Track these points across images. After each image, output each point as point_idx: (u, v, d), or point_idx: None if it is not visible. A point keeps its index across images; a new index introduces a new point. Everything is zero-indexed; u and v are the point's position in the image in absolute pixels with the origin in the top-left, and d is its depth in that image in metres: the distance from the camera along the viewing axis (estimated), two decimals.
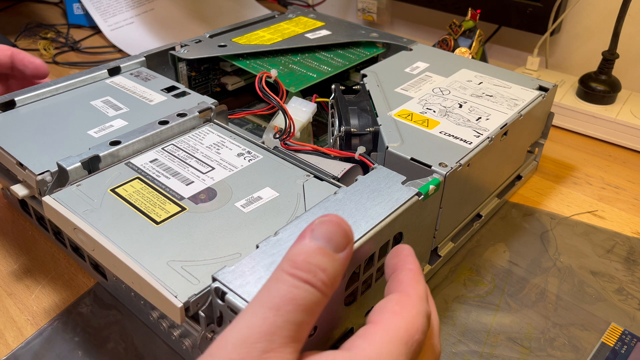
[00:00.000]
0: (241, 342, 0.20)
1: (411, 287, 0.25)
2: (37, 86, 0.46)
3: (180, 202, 0.34)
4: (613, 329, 0.37)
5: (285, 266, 0.22)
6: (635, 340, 0.36)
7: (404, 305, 0.24)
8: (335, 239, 0.23)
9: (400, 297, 0.24)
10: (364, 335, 0.23)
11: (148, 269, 0.28)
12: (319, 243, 0.22)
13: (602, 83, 0.59)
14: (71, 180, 0.36)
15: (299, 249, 0.22)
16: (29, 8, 0.98)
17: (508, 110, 0.44)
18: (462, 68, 0.52)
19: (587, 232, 0.46)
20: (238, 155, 0.39)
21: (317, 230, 0.23)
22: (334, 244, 0.22)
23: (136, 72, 0.50)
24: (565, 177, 0.54)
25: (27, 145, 0.39)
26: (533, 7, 0.66)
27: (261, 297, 0.21)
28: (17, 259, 0.43)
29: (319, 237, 0.22)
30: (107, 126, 0.41)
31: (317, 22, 0.62)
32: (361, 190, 0.33)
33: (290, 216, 0.33)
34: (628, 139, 0.58)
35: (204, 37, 0.56)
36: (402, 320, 0.23)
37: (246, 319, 0.21)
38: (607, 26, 0.66)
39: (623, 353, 0.35)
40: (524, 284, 0.41)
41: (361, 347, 0.22)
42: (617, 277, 0.42)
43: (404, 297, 0.24)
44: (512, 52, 0.78)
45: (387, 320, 0.23)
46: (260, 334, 0.20)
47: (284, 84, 0.46)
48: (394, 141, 0.40)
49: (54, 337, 0.37)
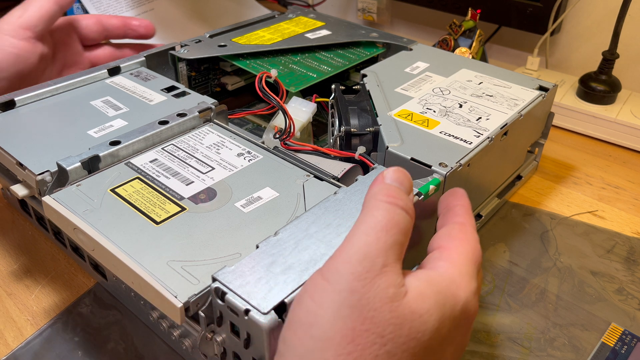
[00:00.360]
0: (364, 257, 0.23)
1: (467, 219, 0.30)
2: (37, 86, 0.46)
3: (180, 202, 0.34)
4: (613, 329, 0.37)
5: (380, 197, 0.26)
6: (636, 340, 0.36)
7: (466, 233, 0.29)
8: (405, 182, 0.27)
9: (461, 226, 0.29)
10: (442, 258, 0.27)
11: (148, 269, 0.28)
12: (395, 184, 0.27)
13: (602, 83, 0.59)
14: (71, 180, 0.36)
15: (384, 186, 0.26)
16: None
17: (508, 110, 0.44)
18: (462, 68, 0.52)
19: (587, 232, 0.46)
20: (238, 155, 0.39)
21: (390, 175, 0.27)
22: (405, 187, 0.27)
23: (136, 72, 0.50)
24: (565, 177, 0.54)
25: (27, 145, 0.39)
26: (533, 7, 0.66)
27: (367, 221, 0.25)
28: (17, 259, 0.43)
29: (394, 179, 0.27)
30: (107, 126, 0.41)
31: (317, 22, 0.62)
32: (361, 190, 0.33)
33: (290, 216, 0.33)
34: (628, 139, 0.58)
35: (204, 37, 0.56)
36: (469, 245, 0.28)
37: (361, 239, 0.24)
38: (607, 26, 0.66)
39: (623, 353, 0.35)
40: (524, 284, 0.41)
41: (444, 267, 0.26)
42: (617, 277, 0.42)
43: (464, 227, 0.29)
44: (512, 52, 0.78)
45: (458, 245, 0.28)
46: (379, 251, 0.24)
47: (284, 84, 0.46)
48: (394, 141, 0.40)
49: (54, 337, 0.37)
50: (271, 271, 0.27)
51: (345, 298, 0.23)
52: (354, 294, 0.23)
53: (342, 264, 0.23)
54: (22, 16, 0.48)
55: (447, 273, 0.26)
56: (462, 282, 0.26)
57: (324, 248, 0.29)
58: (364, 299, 0.23)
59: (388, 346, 0.22)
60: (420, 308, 0.24)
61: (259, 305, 0.26)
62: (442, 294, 0.25)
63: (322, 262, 0.28)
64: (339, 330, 0.22)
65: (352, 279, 0.23)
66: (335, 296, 0.23)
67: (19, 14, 0.48)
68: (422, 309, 0.24)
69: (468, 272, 0.26)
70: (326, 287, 0.23)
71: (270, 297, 0.26)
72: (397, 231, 0.25)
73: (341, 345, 0.22)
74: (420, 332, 0.23)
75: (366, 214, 0.25)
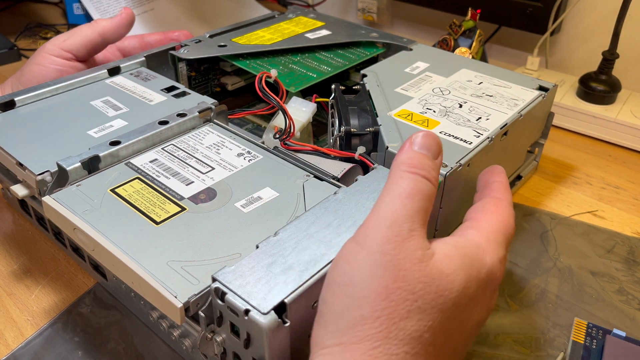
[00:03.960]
0: (392, 222, 0.25)
1: (503, 194, 0.31)
2: (37, 86, 0.46)
3: (180, 202, 0.34)
4: (578, 324, 0.36)
5: (403, 167, 0.27)
6: (602, 332, 0.35)
7: (500, 206, 0.30)
8: (432, 147, 0.28)
9: (495, 201, 0.31)
10: (472, 227, 0.29)
11: (148, 269, 0.28)
12: (422, 151, 0.28)
13: (602, 83, 0.59)
14: (71, 180, 0.36)
15: (408, 155, 0.28)
16: (29, 8, 0.98)
17: (508, 110, 0.44)
18: (462, 68, 0.52)
19: (587, 232, 0.46)
20: (238, 156, 0.39)
21: (417, 141, 0.28)
22: (432, 152, 0.28)
23: (136, 72, 0.50)
24: (565, 177, 0.54)
25: (27, 145, 0.39)
26: (533, 7, 0.66)
27: (392, 190, 0.26)
28: (17, 259, 0.43)
29: (421, 146, 0.28)
30: (107, 126, 0.41)
31: (317, 22, 0.62)
32: (361, 190, 0.33)
33: (290, 216, 0.33)
34: (628, 139, 0.58)
35: (204, 37, 0.56)
36: (501, 217, 0.30)
37: (388, 207, 0.26)
38: (607, 26, 0.66)
39: (595, 348, 0.34)
40: (524, 284, 0.41)
41: (472, 235, 0.28)
42: (617, 277, 0.42)
43: (498, 201, 0.31)
44: (512, 52, 0.78)
45: (490, 217, 0.29)
46: (405, 217, 0.25)
47: (284, 84, 0.46)
48: (394, 141, 0.40)
49: (54, 337, 0.37)
50: (271, 271, 0.27)
51: (378, 260, 0.25)
52: (385, 255, 0.25)
53: (373, 230, 0.25)
54: (66, 40, 0.51)
55: (474, 239, 0.28)
56: (489, 249, 0.28)
57: (324, 248, 0.29)
58: (395, 260, 0.25)
59: (419, 302, 0.24)
60: (447, 268, 0.25)
61: (258, 305, 0.26)
62: (468, 256, 0.27)
63: (322, 262, 0.28)
64: (373, 288, 0.24)
65: (383, 243, 0.25)
66: (369, 258, 0.25)
67: (64, 38, 0.51)
68: (448, 269, 0.25)
69: (496, 240, 0.28)
70: (359, 251, 0.25)
71: (270, 297, 0.26)
72: (421, 198, 0.26)
73: (376, 301, 0.24)
74: (447, 290, 0.25)
75: (392, 183, 0.27)
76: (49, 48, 0.51)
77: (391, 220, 0.25)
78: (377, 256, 0.25)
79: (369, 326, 0.24)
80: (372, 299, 0.24)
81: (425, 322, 0.25)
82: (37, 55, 0.51)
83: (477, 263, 0.27)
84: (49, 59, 0.50)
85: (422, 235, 0.26)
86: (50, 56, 0.50)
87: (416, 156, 0.28)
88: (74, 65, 0.52)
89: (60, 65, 0.51)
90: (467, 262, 0.26)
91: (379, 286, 0.24)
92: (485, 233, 0.28)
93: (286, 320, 0.26)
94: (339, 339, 0.24)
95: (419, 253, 0.25)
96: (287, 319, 0.26)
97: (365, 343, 0.24)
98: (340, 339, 0.24)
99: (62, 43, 0.51)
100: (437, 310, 0.25)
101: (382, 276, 0.24)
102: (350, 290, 0.25)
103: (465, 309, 0.26)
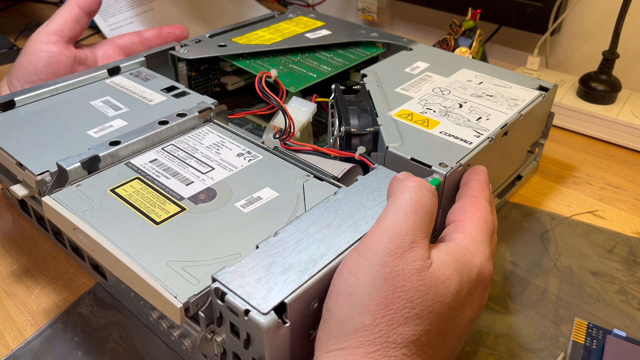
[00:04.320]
0: (394, 235, 0.26)
1: (479, 192, 0.34)
2: (37, 86, 0.46)
3: (180, 202, 0.34)
4: (578, 325, 0.36)
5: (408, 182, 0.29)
6: (602, 332, 0.35)
7: (477, 204, 0.32)
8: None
9: (472, 199, 0.33)
10: (458, 230, 0.31)
11: (148, 269, 0.28)
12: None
13: (602, 83, 0.59)
14: (71, 180, 0.36)
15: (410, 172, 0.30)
16: (29, 8, 0.97)
17: (508, 110, 0.44)
18: (462, 68, 0.52)
19: (587, 232, 0.46)
20: (238, 155, 0.39)
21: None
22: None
23: (136, 72, 0.50)
24: (566, 177, 0.54)
25: (27, 145, 0.39)
26: (533, 7, 0.66)
27: (397, 203, 0.28)
28: (17, 259, 0.43)
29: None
30: (107, 126, 0.41)
31: (317, 22, 0.62)
32: (361, 190, 0.33)
33: (290, 216, 0.33)
34: (628, 139, 0.58)
35: (204, 37, 0.56)
36: (480, 215, 0.32)
37: (392, 219, 0.27)
38: (607, 26, 0.66)
39: (595, 349, 0.34)
40: (525, 284, 0.41)
41: (460, 238, 0.30)
42: (617, 277, 0.42)
43: (475, 199, 0.33)
44: (512, 52, 0.78)
45: (471, 216, 0.31)
46: (408, 229, 0.27)
47: (284, 84, 0.46)
48: (394, 141, 0.40)
49: (54, 338, 0.37)
50: (271, 271, 0.27)
51: (379, 271, 0.26)
52: (386, 267, 0.26)
53: (375, 242, 0.27)
54: (48, 24, 0.52)
55: (463, 243, 0.30)
56: (477, 250, 0.29)
57: (324, 248, 0.29)
58: (394, 271, 0.26)
59: (416, 309, 0.26)
60: (443, 275, 0.27)
61: (258, 305, 0.26)
62: (460, 261, 0.28)
63: (322, 262, 0.28)
64: (374, 298, 0.26)
65: (384, 255, 0.26)
66: (370, 270, 0.26)
67: (46, 24, 0.53)
68: (444, 276, 0.27)
69: (482, 240, 0.30)
70: (362, 262, 0.26)
71: (270, 297, 0.26)
72: (424, 212, 0.28)
73: (377, 310, 0.26)
74: (443, 296, 0.27)
75: (396, 197, 0.28)
76: (34, 37, 0.52)
77: (394, 232, 0.27)
78: (378, 268, 0.26)
79: (369, 332, 0.25)
80: (372, 307, 0.26)
81: (422, 326, 0.26)
82: (25, 47, 0.51)
83: (467, 266, 0.28)
84: (37, 46, 0.51)
85: (423, 247, 0.27)
86: (38, 44, 0.51)
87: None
88: (62, 47, 0.52)
89: (48, 50, 0.51)
90: (459, 266, 0.28)
91: (379, 296, 0.26)
92: (471, 235, 0.30)
93: (286, 321, 0.26)
94: (342, 343, 0.26)
95: (417, 264, 0.26)
96: (287, 319, 0.26)
97: (366, 347, 0.25)
98: (343, 343, 0.26)
99: (45, 28, 0.52)
100: (433, 315, 0.26)
101: (382, 287, 0.26)
102: (353, 299, 0.26)
103: (459, 309, 0.28)
